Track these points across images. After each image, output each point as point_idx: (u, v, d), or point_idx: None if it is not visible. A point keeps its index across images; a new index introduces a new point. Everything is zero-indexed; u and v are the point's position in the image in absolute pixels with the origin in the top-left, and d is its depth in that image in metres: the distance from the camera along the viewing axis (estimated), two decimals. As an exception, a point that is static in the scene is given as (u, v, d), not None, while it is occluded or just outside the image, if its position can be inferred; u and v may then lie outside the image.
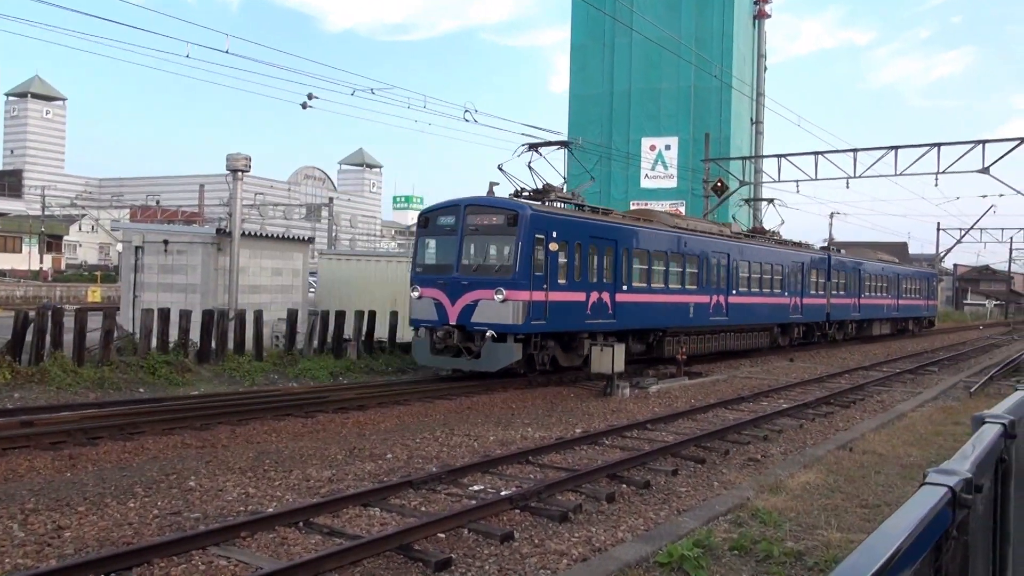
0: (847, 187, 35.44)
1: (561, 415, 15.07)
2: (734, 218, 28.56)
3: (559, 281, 18.26)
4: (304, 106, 21.98)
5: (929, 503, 1.38)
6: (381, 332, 22.38)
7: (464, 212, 18.17)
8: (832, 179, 36.00)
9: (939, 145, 32.28)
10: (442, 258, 18.40)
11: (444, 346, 17.88)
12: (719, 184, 38.71)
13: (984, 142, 31.25)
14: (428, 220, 18.93)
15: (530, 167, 20.16)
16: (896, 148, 33.42)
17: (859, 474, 10.36)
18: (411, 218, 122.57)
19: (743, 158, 44.27)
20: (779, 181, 36.38)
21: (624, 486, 9.67)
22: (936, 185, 34.00)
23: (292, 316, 20.23)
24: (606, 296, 19.79)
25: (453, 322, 17.77)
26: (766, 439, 13.07)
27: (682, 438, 12.43)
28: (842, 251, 37.52)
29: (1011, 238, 70.38)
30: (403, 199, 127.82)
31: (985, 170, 31.02)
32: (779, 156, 36.43)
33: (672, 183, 72.04)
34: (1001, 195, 58.11)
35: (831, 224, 79.57)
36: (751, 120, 79.62)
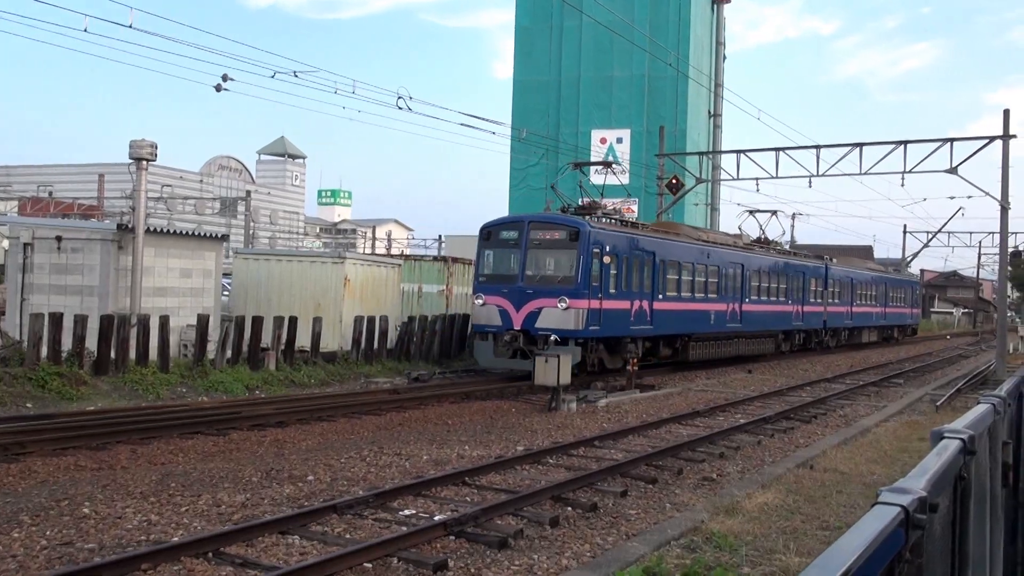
0: (810, 186, 36.29)
1: (501, 431, 15.10)
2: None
3: (610, 291, 22.26)
4: (218, 88, 21.65)
5: (880, 524, 1.42)
6: (303, 340, 22.17)
7: (527, 227, 22.30)
8: (794, 177, 36.72)
9: (905, 143, 33.21)
10: (506, 269, 22.27)
11: (508, 349, 21.51)
12: (674, 181, 39.25)
13: (952, 140, 32.24)
14: (491, 234, 22.88)
15: (580, 187, 25.39)
16: (861, 145, 34.27)
17: (820, 494, 10.59)
18: (338, 214, 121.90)
19: (700, 153, 44.97)
20: (738, 179, 37.02)
21: (569, 509, 9.72)
22: (903, 185, 34.97)
23: (203, 322, 19.89)
24: (645, 304, 23.92)
25: (518, 327, 21.53)
26: (722, 456, 13.28)
27: (632, 456, 12.55)
28: (833, 259, 41.00)
29: (979, 242, 72.44)
30: (329, 193, 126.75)
31: (953, 170, 32.02)
32: (738, 152, 37.07)
33: (623, 179, 72.79)
34: (969, 197, 59.93)
35: (793, 226, 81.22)
36: (709, 113, 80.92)
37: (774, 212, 38.05)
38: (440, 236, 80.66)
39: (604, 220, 23.72)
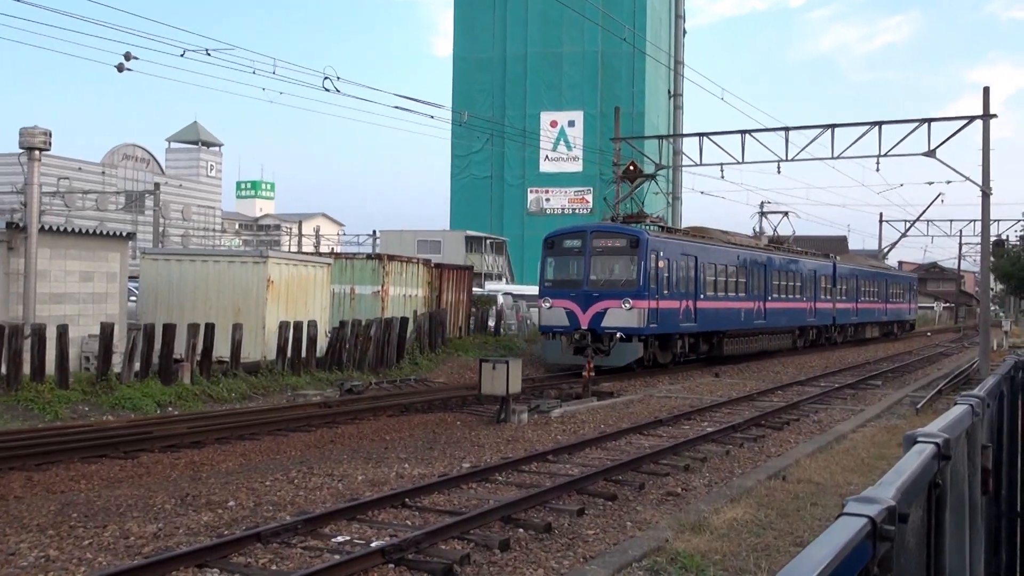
0: (778, 171, 36.73)
1: (445, 447, 15.09)
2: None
3: (663, 292, 27.43)
4: (121, 68, 21.31)
5: (845, 536, 1.45)
6: (222, 350, 21.94)
7: (590, 237, 27.33)
8: (761, 162, 37.21)
9: (880, 124, 33.87)
10: (570, 274, 27.32)
11: (576, 346, 26.33)
12: (632, 168, 39.53)
13: (929, 121, 32.97)
14: (554, 243, 28.13)
15: (633, 197, 31.06)
16: (833, 127, 34.87)
17: (793, 507, 10.77)
18: (259, 208, 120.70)
19: (659, 137, 45.32)
20: (701, 164, 37.40)
21: (520, 531, 9.76)
22: (877, 170, 35.60)
23: (107, 332, 19.57)
24: (690, 304, 29.01)
25: (585, 327, 26.44)
26: (687, 469, 13.43)
27: (589, 471, 12.63)
28: (837, 257, 46.62)
29: (960, 231, 73.95)
30: (249, 185, 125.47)
31: (931, 153, 32.73)
32: (701, 135, 37.44)
33: (577, 166, 73.20)
34: (949, 182, 61.32)
35: (761, 216, 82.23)
36: (668, 93, 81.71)
37: (786, 213, 43.67)
38: (374, 232, 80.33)
39: (652, 228, 28.94)
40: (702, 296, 29.78)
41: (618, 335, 26.16)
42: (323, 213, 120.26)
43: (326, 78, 24.22)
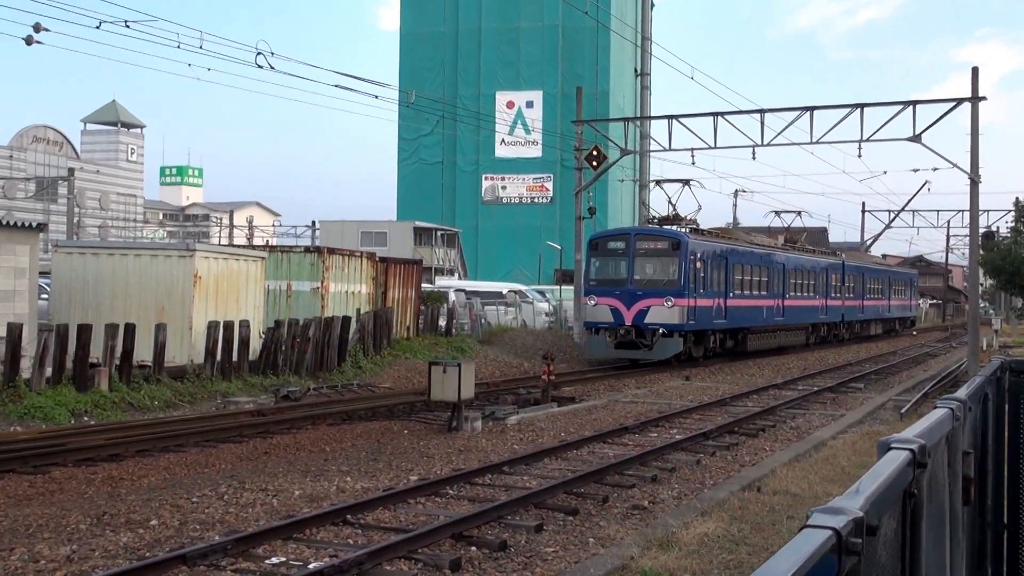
0: (753, 157, 37.07)
1: (391, 458, 15.08)
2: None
3: (700, 291, 31.86)
4: (30, 41, 21.02)
5: (807, 550, 1.48)
6: (144, 353, 21.72)
7: (634, 238, 32.03)
8: (735, 147, 37.54)
9: (862, 106, 34.30)
10: (615, 274, 31.95)
11: (619, 341, 30.94)
12: (595, 153, 39.66)
13: (915, 103, 33.46)
14: (598, 244, 32.97)
15: (671, 202, 36.52)
16: (812, 109, 35.26)
17: (769, 520, 10.89)
18: (186, 196, 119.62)
19: (625, 119, 45.57)
20: (670, 149, 37.62)
21: (473, 549, 9.78)
22: (859, 156, 36.27)
23: (14, 333, 19.29)
24: (722, 302, 33.58)
25: (629, 323, 30.85)
26: (655, 480, 13.53)
27: (549, 483, 12.68)
28: (843, 255, 51.42)
29: (948, 222, 74.91)
30: (175, 171, 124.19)
31: (916, 138, 33.21)
32: (670, 117, 37.66)
33: (535, 151, 73.30)
34: (935, 169, 61.96)
35: (735, 204, 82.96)
36: (635, 72, 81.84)
37: (799, 212, 47.71)
38: (314, 222, 79.95)
39: (687, 230, 33.43)
40: (732, 294, 34.44)
41: (660, 331, 30.64)
42: (257, 202, 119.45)
43: (259, 53, 24.09)
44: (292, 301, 28.81)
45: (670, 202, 37.28)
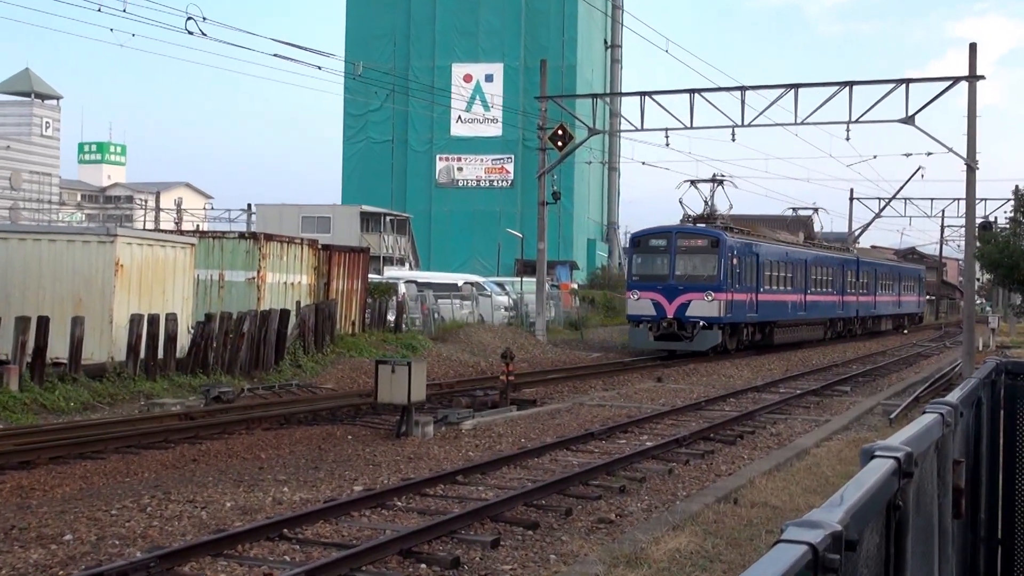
0: (733, 139, 37.36)
1: (333, 466, 15.03)
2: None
3: (736, 286, 37.07)
4: (-69, 1, 20.67)
5: (780, 567, 1.49)
6: (58, 349, 21.53)
7: (675, 237, 37.17)
8: (713, 127, 37.80)
9: (851, 84, 34.64)
10: (657, 270, 37.02)
11: (660, 333, 36.11)
12: (560, 132, 39.75)
13: (908, 81, 33.85)
14: (640, 242, 38.53)
15: (706, 201, 41.25)
16: (796, 87, 35.59)
17: (746, 535, 10.97)
18: (107, 175, 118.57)
19: (594, 96, 45.62)
20: (642, 129, 37.82)
21: (423, 567, 9.78)
22: (848, 138, 36.51)
23: (-87, 327, 19.04)
24: (754, 296, 38.89)
25: (671, 316, 35.83)
26: (623, 491, 13.59)
27: (507, 494, 12.70)
28: (855, 250, 58.33)
29: (942, 211, 75.59)
30: (95, 147, 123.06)
31: (909, 119, 33.60)
32: (642, 94, 37.86)
33: (495, 129, 73.29)
34: (929, 154, 61.85)
35: (713, 191, 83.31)
36: (604, 43, 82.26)
37: (816, 210, 53.96)
38: (249, 206, 79.42)
39: (724, 227, 38.52)
40: (762, 289, 39.74)
41: (701, 323, 35.56)
42: (186, 183, 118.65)
43: (189, 18, 23.89)
44: (225, 293, 28.63)
45: (706, 201, 41.79)
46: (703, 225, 38.93)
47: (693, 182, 41.67)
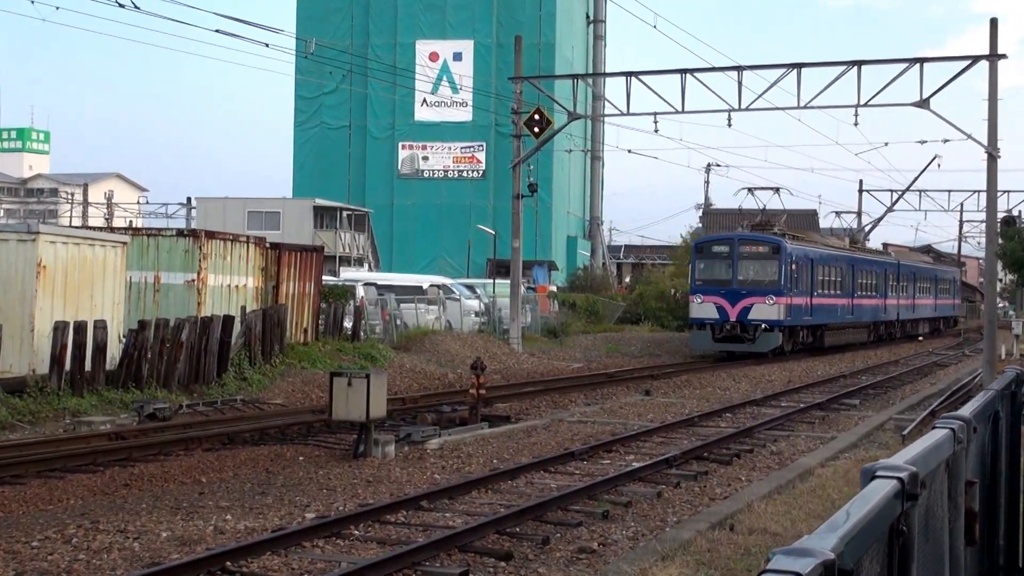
0: (729, 124, 37.49)
1: (283, 491, 15.00)
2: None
3: (794, 290, 42.54)
4: None
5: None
6: (-28, 361, 21.37)
7: (737, 243, 42.79)
8: (707, 111, 37.92)
9: (859, 63, 34.81)
10: (719, 275, 42.65)
11: (722, 336, 41.68)
12: (537, 117, 39.76)
13: (922, 61, 34.02)
14: (703, 248, 44.57)
15: (763, 208, 47.91)
16: (799, 66, 35.73)
17: (743, 565, 11.00)
18: (29, 165, 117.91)
19: (574, 76, 45.70)
20: (628, 114, 37.88)
21: (382, 602, 9.76)
22: (856, 124, 36.63)
23: None
24: (808, 300, 44.43)
25: (734, 319, 41.29)
26: (606, 517, 13.60)
27: (476, 521, 12.69)
28: (892, 253, 64.76)
29: (961, 204, 75.92)
30: (14, 135, 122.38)
31: (923, 102, 33.80)
32: (628, 74, 37.93)
33: (464, 114, 73.27)
34: (946, 141, 61.56)
35: (707, 181, 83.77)
36: (587, 18, 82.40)
37: (776, 190, 55.43)
38: (189, 199, 79.23)
39: (782, 234, 44.07)
40: (816, 293, 45.52)
41: (763, 326, 41.18)
42: (118, 174, 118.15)
43: (120, -11, 23.74)
44: (161, 297, 28.49)
45: (763, 209, 47.87)
46: (759, 232, 45.00)
47: (750, 189, 48.23)
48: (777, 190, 48.46)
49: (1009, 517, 5.31)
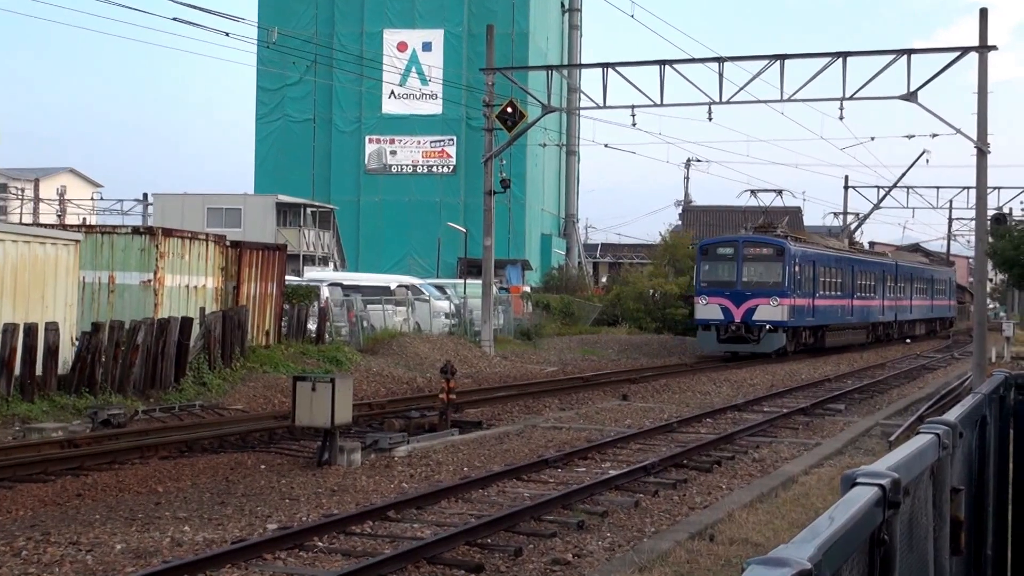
0: (710, 118, 37.49)
1: (243, 501, 14.97)
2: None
3: (798, 291, 45.01)
4: None
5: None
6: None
7: (741, 245, 45.18)
8: (687, 104, 37.96)
9: (845, 55, 34.94)
10: (724, 276, 45.05)
11: (726, 336, 44.14)
12: (510, 110, 39.76)
13: (909, 52, 34.19)
14: (708, 250, 46.82)
15: (766, 210, 50.34)
16: (783, 58, 35.83)
17: (722, 577, 11.05)
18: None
19: (549, 68, 45.73)
20: (605, 107, 37.93)
21: (347, 617, 9.75)
22: (841, 117, 36.74)
23: None
24: (811, 301, 47.11)
25: (738, 320, 43.69)
26: (582, 527, 13.62)
27: (446, 532, 12.70)
28: (888, 255, 67.28)
29: (950, 201, 75.94)
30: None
31: (911, 96, 33.96)
32: (605, 66, 37.97)
33: (434, 107, 73.23)
34: (934, 135, 61.76)
35: (687, 177, 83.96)
36: (562, 7, 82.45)
37: (779, 192, 57.44)
38: (145, 195, 78.86)
39: (785, 236, 46.63)
40: (818, 295, 48.12)
41: (767, 327, 43.63)
42: (70, 168, 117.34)
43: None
44: (116, 298, 28.39)
45: (765, 211, 51.05)
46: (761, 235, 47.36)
47: (753, 191, 51.81)
48: (780, 192, 51.73)
49: (997, 526, 5.33)
